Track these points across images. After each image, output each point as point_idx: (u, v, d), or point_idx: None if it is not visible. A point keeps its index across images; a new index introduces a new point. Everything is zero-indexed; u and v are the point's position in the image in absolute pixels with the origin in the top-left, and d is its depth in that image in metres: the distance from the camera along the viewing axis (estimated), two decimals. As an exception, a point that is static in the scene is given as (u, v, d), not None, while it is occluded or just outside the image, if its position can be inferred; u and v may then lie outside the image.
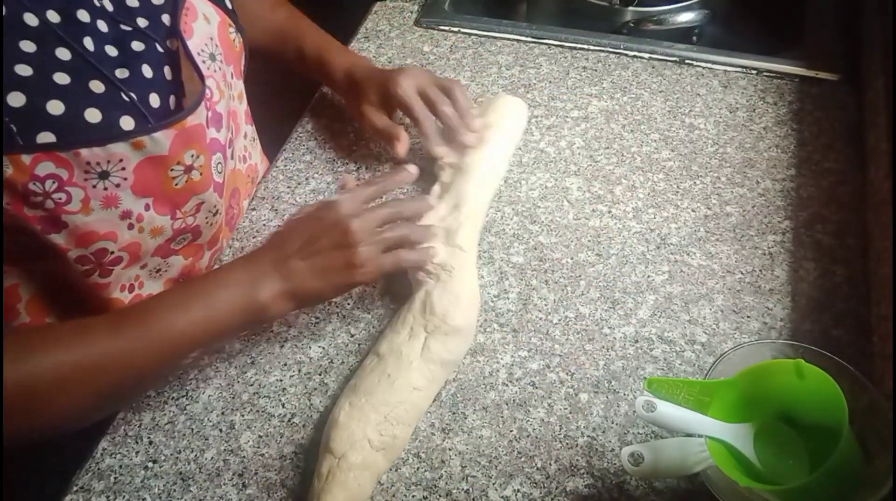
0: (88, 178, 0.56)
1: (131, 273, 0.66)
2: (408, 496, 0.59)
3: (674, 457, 0.54)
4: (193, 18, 0.66)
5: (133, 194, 0.59)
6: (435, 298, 0.65)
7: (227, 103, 0.70)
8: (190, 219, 0.66)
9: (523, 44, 0.99)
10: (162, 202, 0.62)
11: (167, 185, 0.61)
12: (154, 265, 0.68)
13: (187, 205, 0.64)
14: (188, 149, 0.60)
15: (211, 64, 0.67)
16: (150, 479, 0.61)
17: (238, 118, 0.76)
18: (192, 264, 0.73)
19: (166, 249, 0.67)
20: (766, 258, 0.74)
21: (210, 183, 0.65)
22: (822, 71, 0.92)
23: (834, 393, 0.49)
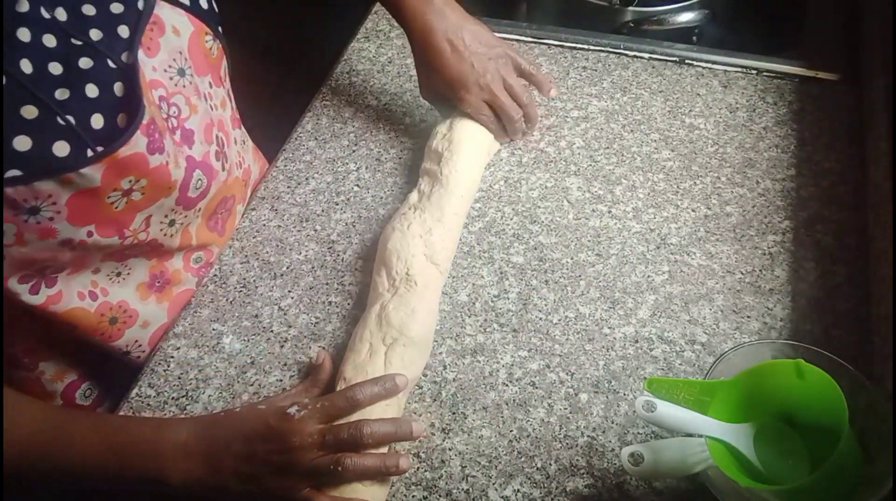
0: (18, 214, 0.54)
1: (83, 280, 0.65)
2: (408, 496, 0.59)
3: (674, 457, 0.54)
4: (160, 33, 0.63)
5: (71, 225, 0.57)
6: (391, 310, 0.65)
7: (202, 118, 0.68)
8: (142, 235, 0.64)
9: (523, 44, 0.99)
10: (105, 226, 0.60)
11: (107, 211, 0.59)
12: (109, 270, 0.67)
13: (134, 223, 0.63)
14: (124, 177, 0.58)
15: (179, 79, 0.65)
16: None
17: (225, 126, 0.74)
18: (161, 265, 0.72)
19: (119, 255, 0.66)
20: (766, 258, 0.74)
21: (154, 200, 0.62)
22: (822, 71, 0.91)
23: (834, 393, 0.49)
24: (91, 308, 0.66)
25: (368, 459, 0.56)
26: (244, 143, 0.82)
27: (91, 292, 0.66)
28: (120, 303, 0.68)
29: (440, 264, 0.70)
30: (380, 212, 0.80)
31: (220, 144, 0.72)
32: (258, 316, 0.71)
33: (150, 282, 0.71)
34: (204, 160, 0.68)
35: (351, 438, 0.56)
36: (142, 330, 0.71)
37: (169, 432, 0.58)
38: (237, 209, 0.80)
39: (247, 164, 0.82)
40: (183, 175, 0.64)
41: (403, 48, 0.99)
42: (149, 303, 0.71)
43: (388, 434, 0.58)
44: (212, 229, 0.76)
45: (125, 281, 0.69)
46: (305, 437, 0.56)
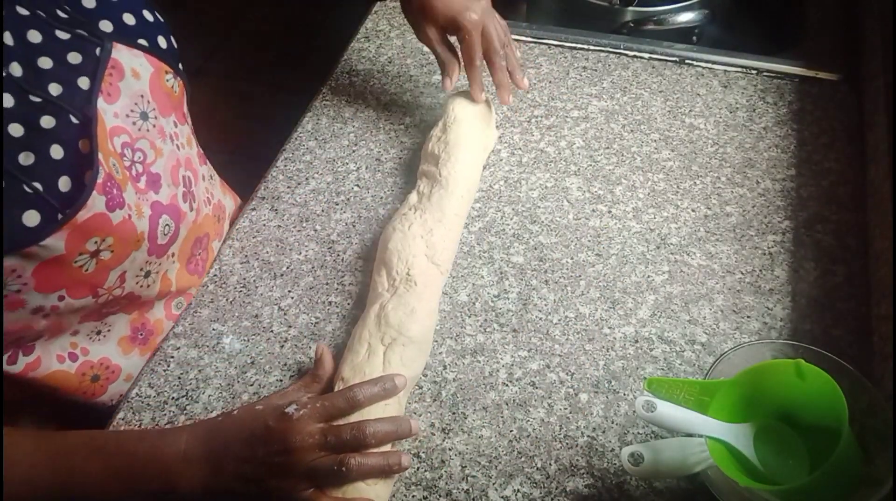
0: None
1: (62, 343, 0.64)
2: (408, 496, 0.59)
3: (674, 457, 0.54)
4: (120, 78, 0.61)
5: (39, 293, 0.56)
6: (389, 309, 0.65)
7: (167, 160, 0.66)
8: (117, 291, 0.63)
9: (523, 44, 0.99)
10: (76, 289, 0.59)
11: (76, 274, 0.57)
12: (88, 330, 0.65)
13: (108, 281, 0.61)
14: (88, 239, 0.56)
15: (143, 124, 0.63)
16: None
17: (193, 163, 0.73)
18: (142, 317, 0.71)
19: (97, 315, 0.65)
20: (766, 258, 0.74)
21: (125, 256, 0.61)
22: (822, 71, 0.92)
23: (834, 393, 0.49)
24: (71, 369, 0.65)
25: (372, 458, 0.56)
26: (212, 178, 0.80)
27: (71, 353, 0.65)
28: (101, 360, 0.68)
29: (441, 265, 0.70)
30: (380, 212, 0.80)
31: (186, 184, 0.70)
32: (258, 316, 0.71)
33: (133, 335, 0.70)
34: (172, 203, 0.66)
35: (354, 438, 0.56)
36: (126, 383, 0.70)
37: (167, 444, 0.57)
38: (213, 246, 0.78)
39: (216, 199, 0.80)
40: (148, 224, 0.63)
41: (403, 48, 0.99)
42: (132, 356, 0.70)
43: (390, 433, 0.58)
44: (192, 271, 0.74)
45: (106, 338, 0.68)
46: (305, 437, 0.56)
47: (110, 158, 0.58)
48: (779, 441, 0.55)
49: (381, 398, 0.60)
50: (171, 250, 0.69)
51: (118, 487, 0.56)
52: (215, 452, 0.57)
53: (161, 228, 0.65)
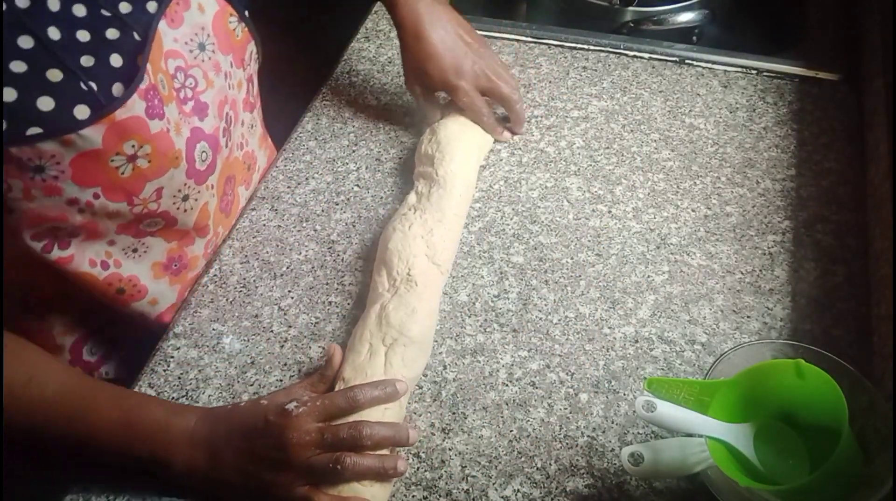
0: (24, 171, 0.57)
1: (97, 249, 0.66)
2: (408, 496, 0.59)
3: (674, 457, 0.54)
4: (185, 8, 0.66)
5: (76, 185, 0.59)
6: (390, 310, 0.65)
7: (217, 93, 0.70)
8: (153, 205, 0.65)
9: (523, 44, 0.99)
10: (112, 191, 0.62)
11: (112, 175, 0.60)
12: (125, 244, 0.68)
13: (144, 192, 0.63)
14: (126, 140, 0.59)
15: (199, 53, 0.67)
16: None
17: (237, 106, 0.76)
18: (180, 249, 0.73)
19: (134, 229, 0.67)
20: (766, 258, 0.74)
21: (164, 170, 0.64)
22: (822, 71, 0.92)
23: (834, 393, 0.49)
24: (100, 276, 0.67)
25: (367, 459, 0.56)
26: (251, 127, 0.83)
27: (103, 261, 0.67)
28: (130, 277, 0.70)
29: (441, 265, 0.70)
30: (380, 212, 0.80)
31: (227, 121, 0.73)
32: (258, 316, 0.71)
33: (167, 264, 0.72)
34: (213, 134, 0.69)
35: (350, 438, 0.57)
36: (150, 307, 0.72)
37: (179, 418, 0.59)
38: (238, 191, 0.81)
39: (250, 148, 0.83)
40: (186, 145, 0.65)
41: (403, 48, 0.99)
42: (160, 283, 0.72)
43: (387, 438, 0.58)
44: (223, 210, 0.77)
45: (140, 258, 0.70)
46: (303, 434, 0.56)
47: (159, 74, 0.62)
48: (779, 441, 0.55)
49: (382, 402, 0.60)
50: (210, 181, 0.71)
51: (121, 444, 0.58)
52: (217, 440, 0.58)
53: (199, 153, 0.67)
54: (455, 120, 0.82)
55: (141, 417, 0.59)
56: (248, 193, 0.83)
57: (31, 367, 0.59)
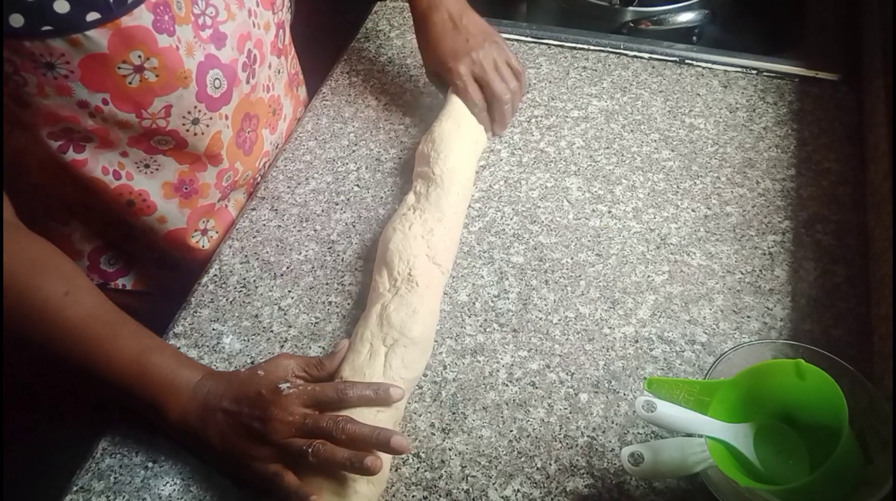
0: (37, 67, 0.60)
1: (110, 157, 0.70)
2: (408, 496, 0.59)
3: (674, 457, 0.54)
4: None
5: (85, 87, 0.63)
6: (391, 310, 0.65)
7: (238, 27, 0.72)
8: (161, 122, 0.68)
9: (523, 44, 0.99)
10: (121, 100, 0.64)
11: (120, 83, 0.63)
12: (138, 158, 0.71)
13: (153, 107, 0.66)
14: (132, 49, 0.62)
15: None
16: (150, 479, 0.61)
17: (263, 46, 0.78)
18: (192, 173, 0.76)
19: (146, 144, 0.70)
20: (766, 258, 0.74)
21: (172, 87, 0.66)
22: (822, 71, 0.92)
23: (834, 393, 0.49)
24: (111, 185, 0.71)
25: (339, 452, 0.56)
26: (279, 72, 0.85)
27: (115, 171, 0.71)
28: (141, 191, 0.74)
29: (442, 265, 0.70)
30: (380, 212, 0.80)
31: (250, 58, 0.75)
32: (258, 316, 0.71)
33: (178, 185, 0.76)
34: (229, 65, 0.71)
35: (328, 428, 0.57)
36: (158, 224, 0.77)
37: (186, 371, 0.61)
38: (263, 135, 0.83)
39: (276, 93, 0.85)
40: (197, 67, 0.68)
41: (403, 48, 0.99)
42: (170, 203, 0.76)
43: (365, 437, 0.57)
44: (240, 146, 0.79)
45: (152, 175, 0.73)
46: (286, 414, 0.57)
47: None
48: (779, 441, 0.55)
49: (372, 403, 0.59)
50: (224, 111, 0.74)
51: (131, 379, 0.60)
52: (211, 399, 0.60)
53: (211, 79, 0.70)
54: (449, 117, 0.82)
55: (154, 360, 0.61)
56: (273, 137, 0.85)
57: (70, 283, 0.61)
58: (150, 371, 0.60)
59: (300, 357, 0.63)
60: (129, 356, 0.60)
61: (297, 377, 0.61)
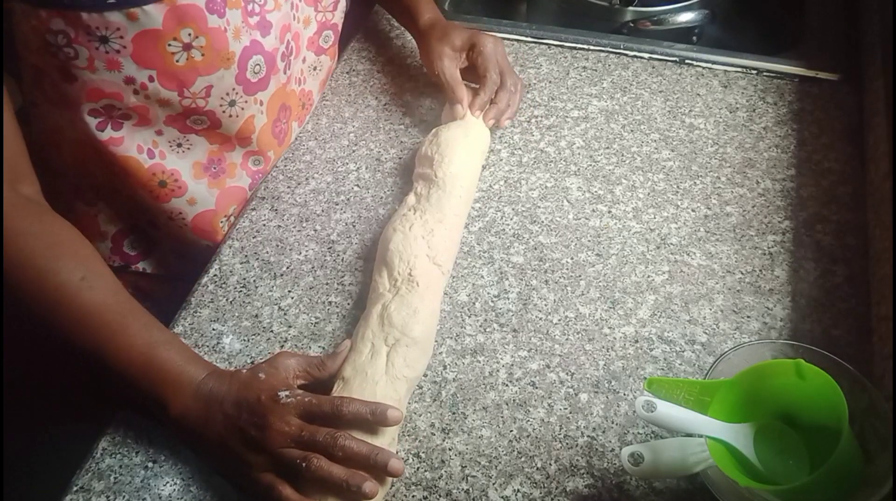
0: (91, 40, 0.62)
1: (146, 136, 0.72)
2: (408, 496, 0.59)
3: (674, 457, 0.54)
4: None
5: (134, 63, 0.64)
6: (392, 310, 0.65)
7: (283, 16, 0.75)
8: (201, 101, 0.70)
9: (523, 44, 0.99)
10: (166, 77, 0.67)
11: (168, 60, 0.65)
12: (171, 137, 0.74)
13: (195, 86, 0.68)
14: (183, 27, 0.64)
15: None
16: (150, 479, 0.61)
17: (300, 39, 0.81)
18: (220, 152, 0.78)
19: (181, 124, 0.73)
20: (766, 258, 0.74)
21: (214, 67, 0.68)
22: (822, 71, 0.92)
23: (834, 393, 0.49)
24: (146, 164, 0.73)
25: (335, 469, 0.56)
26: (314, 69, 0.87)
27: (150, 150, 0.73)
28: (173, 171, 0.76)
29: (442, 265, 0.70)
30: (380, 212, 0.80)
31: (288, 48, 0.78)
32: (258, 316, 0.71)
33: (207, 165, 0.78)
34: (270, 53, 0.74)
35: (324, 443, 0.56)
36: (188, 206, 0.79)
37: (192, 368, 0.61)
38: (293, 126, 0.86)
39: (308, 87, 0.87)
40: (241, 51, 0.70)
41: (403, 48, 0.99)
42: (200, 183, 0.78)
43: (361, 456, 0.57)
44: (275, 135, 0.82)
45: (184, 154, 0.76)
46: (283, 424, 0.57)
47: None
48: (779, 441, 0.55)
49: (367, 421, 0.58)
50: (260, 97, 0.76)
51: (137, 371, 0.60)
52: (215, 398, 0.60)
53: (252, 64, 0.72)
54: (458, 124, 0.82)
55: (161, 354, 0.61)
56: (299, 130, 0.88)
57: (87, 268, 0.62)
58: (156, 365, 0.60)
59: (302, 356, 0.63)
60: (137, 347, 0.60)
61: (297, 378, 0.61)
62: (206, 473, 0.61)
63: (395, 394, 0.61)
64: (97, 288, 0.61)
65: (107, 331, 0.60)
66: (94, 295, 0.61)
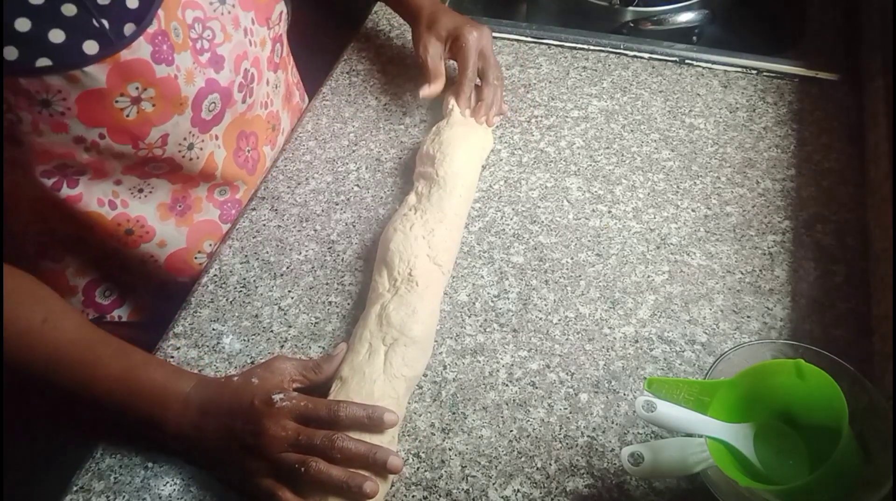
0: (32, 104, 0.59)
1: (104, 188, 0.69)
2: (408, 496, 0.59)
3: (674, 457, 0.54)
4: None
5: (81, 123, 0.61)
6: (391, 310, 0.65)
7: (235, 47, 0.72)
8: (158, 151, 0.67)
9: (523, 44, 0.99)
10: (117, 132, 0.64)
11: (117, 116, 0.62)
12: (131, 184, 0.71)
13: (149, 137, 0.65)
14: (130, 82, 0.61)
15: (219, 6, 0.69)
16: (150, 479, 0.61)
17: (260, 64, 0.77)
18: (184, 190, 0.75)
19: (140, 171, 0.70)
20: (766, 258, 0.74)
21: (168, 115, 0.65)
22: (822, 71, 0.92)
23: (834, 393, 0.49)
24: (108, 215, 0.70)
25: (335, 471, 0.56)
26: (276, 87, 0.84)
27: (111, 201, 0.70)
28: (138, 217, 0.73)
29: (443, 265, 0.70)
30: (380, 212, 0.80)
31: (247, 77, 0.75)
32: (258, 316, 0.71)
33: (172, 204, 0.75)
34: (226, 87, 0.71)
35: (322, 446, 0.56)
36: (159, 249, 0.76)
37: (176, 382, 0.61)
38: (264, 152, 0.83)
39: (274, 108, 0.84)
40: (195, 93, 0.67)
41: (403, 48, 0.99)
42: (168, 224, 0.76)
43: (360, 456, 0.57)
44: (240, 165, 0.79)
45: (146, 198, 0.73)
46: (279, 428, 0.57)
47: (173, 22, 0.64)
48: (779, 441, 0.55)
49: (364, 427, 0.58)
50: (215, 132, 0.73)
51: (121, 397, 0.60)
52: (207, 408, 0.59)
53: (207, 103, 0.69)
54: (462, 122, 0.82)
55: (141, 376, 0.61)
56: (273, 153, 0.85)
57: (47, 309, 0.61)
58: (139, 388, 0.60)
59: (297, 360, 0.63)
60: (115, 375, 0.60)
61: (293, 381, 0.61)
62: (205, 473, 0.61)
63: (393, 393, 0.61)
64: (61, 327, 0.61)
65: (81, 367, 0.60)
66: (60, 335, 0.61)
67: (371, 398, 0.60)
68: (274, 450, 0.56)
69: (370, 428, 0.59)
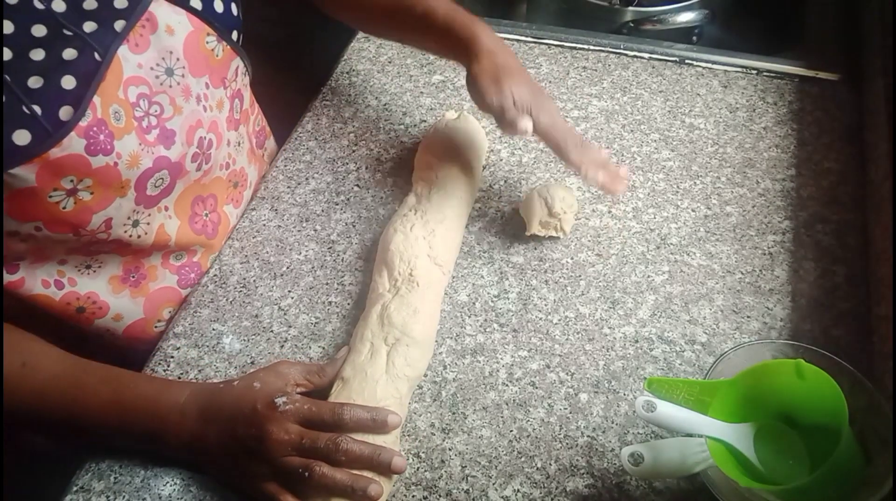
0: None
1: (48, 270, 0.65)
2: (408, 496, 0.59)
3: (674, 457, 0.54)
4: (152, 31, 0.62)
5: (14, 219, 0.57)
6: (392, 310, 0.65)
7: (187, 118, 0.67)
8: (102, 235, 0.63)
9: (523, 44, 0.99)
10: (55, 223, 0.59)
11: (53, 209, 0.58)
12: (77, 263, 0.66)
13: (91, 224, 0.61)
14: (63, 177, 0.56)
15: (166, 79, 0.64)
16: (150, 479, 0.61)
17: (219, 127, 0.73)
18: (136, 260, 0.71)
19: (85, 251, 0.66)
20: (766, 258, 0.74)
21: (109, 200, 0.61)
22: (822, 71, 0.92)
23: (834, 393, 0.49)
24: (56, 296, 0.66)
25: (339, 474, 0.55)
26: (239, 145, 0.80)
27: (57, 281, 0.66)
28: (88, 294, 0.68)
29: (443, 266, 0.70)
30: (380, 212, 0.80)
31: (202, 145, 0.70)
32: (258, 316, 0.71)
33: (124, 276, 0.70)
34: (178, 161, 0.66)
35: (326, 449, 0.56)
36: (114, 323, 0.71)
37: (169, 393, 0.60)
38: (225, 210, 0.78)
39: (238, 166, 0.79)
40: (138, 175, 0.62)
41: (403, 48, 0.99)
42: (122, 297, 0.70)
43: (365, 458, 0.57)
44: (198, 231, 0.74)
45: (95, 274, 0.68)
46: (282, 432, 0.56)
47: (112, 106, 0.59)
48: (779, 441, 0.55)
49: (368, 429, 0.58)
50: (164, 203, 0.69)
51: (116, 421, 0.59)
52: (207, 415, 0.59)
53: (153, 181, 0.64)
54: (457, 123, 0.82)
55: (131, 395, 0.60)
56: (238, 210, 0.80)
57: (24, 353, 0.60)
58: (131, 407, 0.59)
59: (301, 364, 0.63)
60: (104, 400, 0.59)
61: (297, 385, 0.61)
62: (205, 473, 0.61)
63: (396, 393, 0.61)
64: (41, 368, 0.60)
65: (67, 401, 0.59)
66: (40, 375, 0.60)
67: (374, 399, 0.60)
68: (277, 454, 0.56)
69: (374, 430, 0.58)
